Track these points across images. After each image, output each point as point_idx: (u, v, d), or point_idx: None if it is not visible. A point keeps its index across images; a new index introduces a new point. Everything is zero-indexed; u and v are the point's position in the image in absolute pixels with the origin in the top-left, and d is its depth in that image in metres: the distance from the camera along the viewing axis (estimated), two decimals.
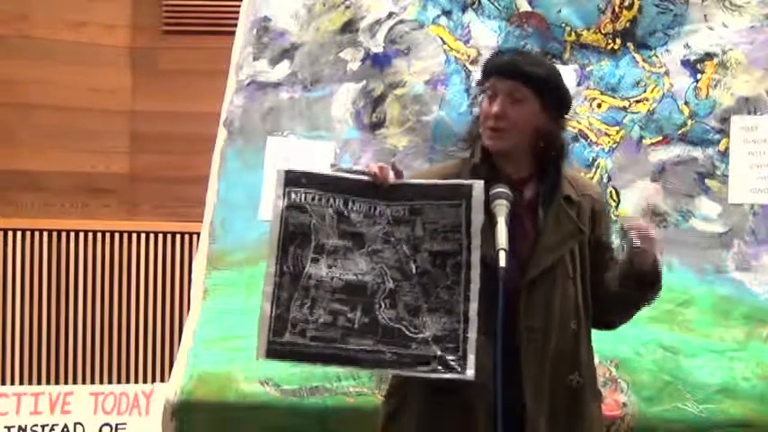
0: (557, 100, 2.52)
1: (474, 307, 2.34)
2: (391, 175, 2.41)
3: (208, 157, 3.81)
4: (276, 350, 2.37)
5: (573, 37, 3.77)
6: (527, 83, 2.45)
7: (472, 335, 2.33)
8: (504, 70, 2.48)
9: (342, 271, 2.38)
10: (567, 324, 2.48)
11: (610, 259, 2.59)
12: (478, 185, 2.39)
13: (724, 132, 3.59)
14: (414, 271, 2.38)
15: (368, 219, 2.40)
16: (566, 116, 2.58)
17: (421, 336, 2.35)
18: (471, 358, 2.32)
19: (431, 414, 2.43)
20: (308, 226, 2.39)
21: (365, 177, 2.42)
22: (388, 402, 2.56)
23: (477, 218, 2.37)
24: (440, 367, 2.33)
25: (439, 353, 2.34)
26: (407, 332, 2.36)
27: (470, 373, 2.32)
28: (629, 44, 3.74)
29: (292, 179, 2.42)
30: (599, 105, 3.69)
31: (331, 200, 2.40)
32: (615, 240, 2.70)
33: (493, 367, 2.30)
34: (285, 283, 2.38)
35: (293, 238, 2.39)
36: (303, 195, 2.41)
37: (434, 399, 2.41)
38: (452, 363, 2.33)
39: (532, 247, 2.45)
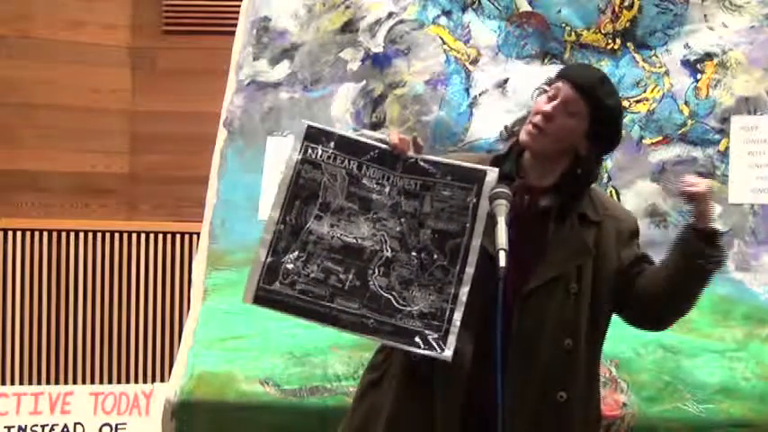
0: (606, 134, 2.49)
1: (465, 291, 2.35)
2: (411, 147, 2.41)
3: (208, 157, 3.81)
4: (263, 297, 2.39)
5: (573, 37, 3.77)
6: (589, 102, 2.43)
7: (458, 317, 2.33)
8: (578, 82, 2.44)
9: (343, 232, 2.40)
10: (561, 341, 2.45)
11: (648, 264, 2.55)
12: (492, 172, 2.40)
13: (724, 132, 3.59)
14: (414, 245, 2.39)
15: (379, 186, 2.41)
16: (606, 156, 2.56)
17: (408, 309, 2.36)
18: (452, 339, 2.32)
19: (408, 389, 2.45)
20: (318, 182, 2.41)
21: (384, 145, 2.42)
22: (369, 373, 2.57)
23: (485, 204, 2.37)
24: (420, 342, 2.34)
25: (421, 329, 2.34)
26: (395, 303, 2.37)
27: (448, 353, 2.32)
28: (629, 44, 3.74)
29: (313, 134, 2.43)
30: None
31: (346, 161, 2.41)
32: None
33: (492, 364, 2.28)
34: (285, 233, 2.40)
35: (301, 191, 2.41)
36: (320, 152, 2.42)
37: (413, 380, 2.42)
38: (432, 341, 2.34)
39: (536, 259, 2.43)
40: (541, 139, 2.44)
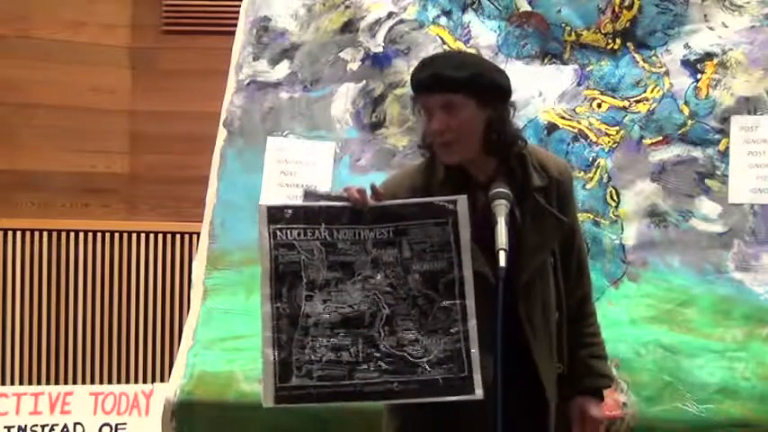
0: (491, 92, 2.43)
1: (473, 324, 2.34)
2: (369, 198, 2.37)
3: (208, 157, 3.81)
4: (285, 396, 2.37)
5: (573, 37, 3.77)
6: (454, 91, 2.39)
7: (475, 352, 2.33)
8: (429, 85, 2.40)
9: (337, 304, 2.37)
10: (554, 314, 2.50)
11: (571, 250, 2.56)
12: (462, 201, 2.36)
13: (724, 132, 3.59)
14: (407, 293, 2.36)
15: (355, 245, 2.37)
16: (509, 100, 2.48)
17: (424, 360, 2.35)
18: (477, 378, 2.32)
19: (439, 423, 2.43)
20: (297, 263, 2.37)
21: (345, 203, 2.37)
22: (393, 419, 2.54)
23: (465, 234, 2.35)
24: (447, 390, 2.33)
25: (444, 375, 2.34)
26: (411, 358, 2.35)
27: (479, 392, 2.32)
28: (629, 44, 3.74)
29: (275, 215, 2.39)
30: (599, 105, 3.69)
31: (317, 232, 2.37)
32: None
33: (492, 375, 2.31)
34: (283, 325, 2.36)
35: (284, 277, 2.37)
36: (288, 232, 2.38)
37: (440, 412, 2.41)
38: (459, 384, 2.33)
39: (516, 250, 2.39)
40: (456, 148, 2.42)
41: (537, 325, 2.45)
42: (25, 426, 4.77)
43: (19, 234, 5.35)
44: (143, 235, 5.42)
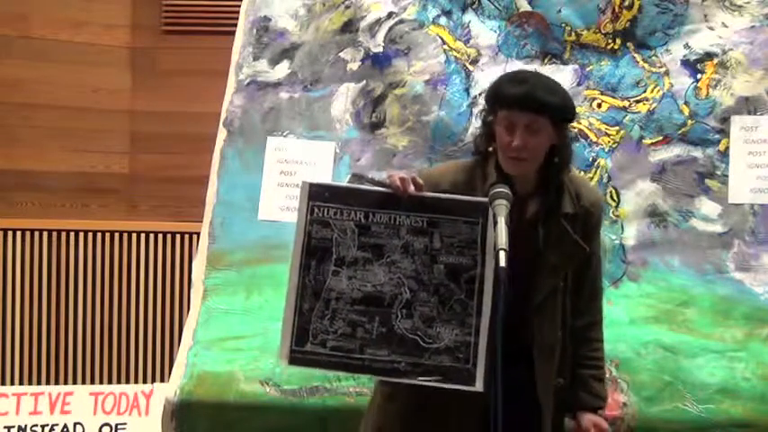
0: (567, 118, 2.56)
1: (485, 322, 2.42)
2: (412, 187, 2.45)
3: (208, 157, 3.81)
4: (298, 358, 2.50)
5: (573, 37, 3.77)
6: (542, 113, 2.47)
7: (482, 348, 2.41)
8: (522, 103, 2.47)
9: (361, 282, 2.48)
10: (558, 333, 2.57)
11: (585, 276, 2.64)
12: None
13: (724, 132, 3.59)
14: (430, 281, 2.46)
15: (388, 230, 2.48)
16: (571, 123, 2.62)
17: (434, 346, 2.45)
18: (480, 371, 2.41)
19: (425, 399, 2.50)
20: (329, 240, 2.49)
21: (386, 189, 2.47)
22: (383, 386, 2.62)
23: (492, 234, 2.42)
24: (450, 378, 2.43)
25: (450, 364, 2.43)
26: (422, 342, 2.45)
27: (479, 384, 2.41)
28: (629, 44, 3.74)
29: (316, 193, 2.50)
30: (599, 105, 3.69)
31: (353, 213, 2.49)
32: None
33: (490, 372, 2.36)
34: (307, 295, 2.49)
35: (315, 251, 2.50)
36: (326, 210, 2.49)
37: (422, 409, 2.50)
38: (462, 374, 2.42)
39: (533, 267, 2.49)
40: (526, 165, 2.51)
41: (545, 342, 2.52)
42: (25, 426, 4.77)
43: (19, 234, 5.35)
44: (143, 235, 5.42)
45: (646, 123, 3.64)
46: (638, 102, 3.67)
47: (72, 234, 5.39)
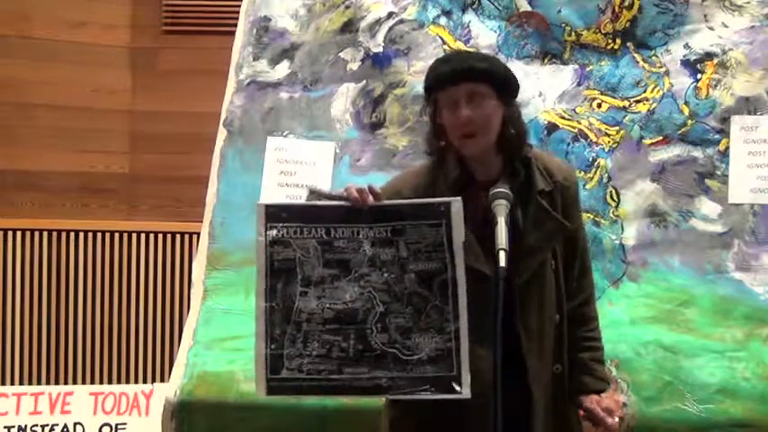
0: (508, 86, 2.51)
1: (464, 324, 2.36)
2: (370, 197, 2.39)
3: (208, 157, 3.81)
4: (275, 387, 2.41)
5: (573, 37, 3.77)
6: (481, 80, 2.45)
7: (464, 352, 2.35)
8: (457, 75, 2.45)
9: (331, 300, 2.40)
10: (553, 317, 2.52)
11: (574, 254, 2.59)
12: (456, 202, 2.38)
13: (724, 132, 3.59)
14: (402, 292, 2.39)
15: (352, 244, 2.40)
16: (516, 98, 2.56)
17: (415, 357, 2.38)
18: (466, 377, 2.35)
19: (431, 420, 2.45)
20: (292, 260, 2.41)
21: (344, 203, 2.40)
22: (389, 410, 2.57)
23: (458, 235, 2.37)
24: (435, 388, 2.36)
25: (434, 374, 2.36)
26: (401, 355, 2.38)
27: (466, 391, 2.34)
28: (629, 44, 3.74)
29: (273, 214, 2.42)
30: (599, 105, 3.69)
31: (313, 231, 2.41)
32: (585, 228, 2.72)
33: (492, 370, 2.29)
34: (276, 320, 2.40)
35: (279, 274, 2.41)
36: (285, 230, 2.41)
37: (434, 407, 2.43)
38: (448, 383, 2.36)
39: (516, 249, 2.40)
40: (479, 140, 2.46)
41: (531, 325, 2.47)
42: (25, 426, 4.77)
43: (19, 234, 5.35)
44: (143, 235, 5.42)
45: (646, 123, 3.64)
46: (638, 102, 3.67)
47: (72, 234, 5.39)
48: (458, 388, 2.35)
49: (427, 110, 2.58)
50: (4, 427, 4.73)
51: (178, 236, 5.41)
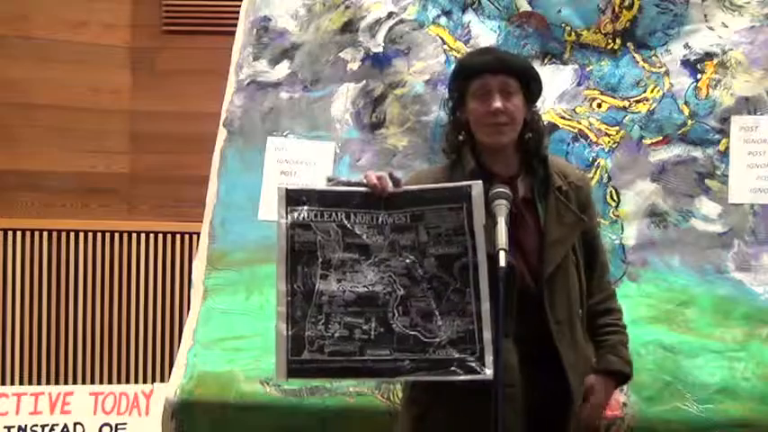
0: (535, 89, 2.59)
1: (486, 306, 2.37)
2: (390, 183, 2.42)
3: (208, 157, 3.81)
4: (296, 369, 2.40)
5: (573, 37, 3.77)
6: (516, 75, 2.52)
7: (487, 334, 2.35)
8: (494, 67, 2.52)
9: (352, 283, 2.41)
10: (578, 310, 2.56)
11: (594, 252, 2.64)
12: (477, 186, 2.41)
13: (724, 132, 3.59)
14: (422, 276, 2.40)
15: (371, 229, 2.42)
16: (537, 104, 2.64)
17: (437, 340, 2.38)
18: (489, 358, 2.34)
19: (461, 413, 2.44)
20: (313, 243, 2.42)
21: (364, 189, 2.43)
22: (411, 408, 2.56)
23: (479, 218, 2.39)
24: (459, 369, 2.36)
25: (457, 355, 2.36)
26: (423, 338, 2.38)
27: (489, 372, 2.34)
28: (629, 44, 3.74)
29: (293, 197, 2.44)
30: (599, 105, 3.70)
31: (333, 215, 2.43)
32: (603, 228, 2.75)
33: (517, 366, 2.36)
34: (297, 301, 2.41)
35: (300, 256, 2.42)
36: (306, 213, 2.43)
37: (463, 402, 2.42)
38: (471, 364, 2.36)
39: (539, 243, 2.49)
40: (507, 131, 2.52)
41: (560, 316, 2.49)
42: (25, 426, 4.77)
43: (19, 234, 5.35)
44: (143, 235, 5.42)
45: (646, 123, 3.64)
46: (638, 102, 3.67)
47: (72, 234, 5.39)
48: (481, 369, 2.35)
49: (447, 103, 2.64)
50: (4, 428, 4.73)
51: (178, 236, 5.41)
